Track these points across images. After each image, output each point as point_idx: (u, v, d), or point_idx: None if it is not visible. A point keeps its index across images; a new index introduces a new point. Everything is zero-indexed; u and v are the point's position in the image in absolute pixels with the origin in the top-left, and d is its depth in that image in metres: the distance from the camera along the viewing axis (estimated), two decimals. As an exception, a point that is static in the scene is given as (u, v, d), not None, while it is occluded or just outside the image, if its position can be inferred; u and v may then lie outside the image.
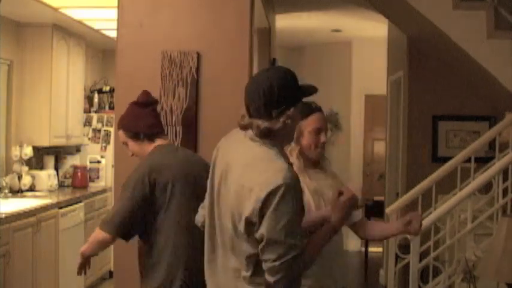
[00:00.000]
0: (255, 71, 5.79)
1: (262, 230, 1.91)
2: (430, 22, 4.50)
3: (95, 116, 6.92)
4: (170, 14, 3.63)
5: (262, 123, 2.01)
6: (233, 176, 2.02)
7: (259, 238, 1.92)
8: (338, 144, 8.26)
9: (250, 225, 1.94)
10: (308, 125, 2.52)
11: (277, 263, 1.92)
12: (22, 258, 4.59)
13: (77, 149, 6.77)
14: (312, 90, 2.11)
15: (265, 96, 2.00)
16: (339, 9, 6.69)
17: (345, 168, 8.04)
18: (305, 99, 2.16)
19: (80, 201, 5.77)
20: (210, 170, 2.17)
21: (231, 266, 2.06)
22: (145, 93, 3.08)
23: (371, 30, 7.65)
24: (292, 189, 1.92)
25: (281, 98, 2.02)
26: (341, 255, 2.64)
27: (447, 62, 5.45)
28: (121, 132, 3.01)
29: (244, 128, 2.07)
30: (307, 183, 2.45)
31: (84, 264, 2.91)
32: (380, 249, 6.92)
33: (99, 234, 2.85)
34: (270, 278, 1.95)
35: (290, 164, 2.03)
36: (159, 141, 2.97)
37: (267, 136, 2.03)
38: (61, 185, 6.33)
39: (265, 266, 1.95)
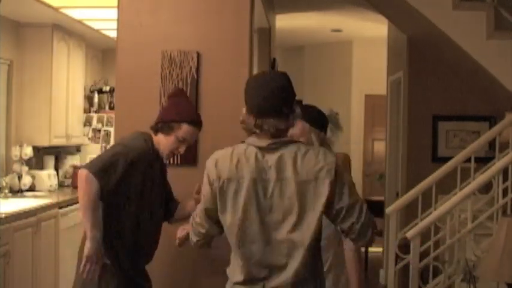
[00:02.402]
0: (255, 71, 5.79)
1: (342, 202, 2.15)
2: (430, 22, 4.50)
3: (95, 116, 6.93)
4: (170, 14, 3.63)
5: (278, 123, 2.14)
6: (281, 184, 2.13)
7: (338, 210, 2.15)
8: (338, 144, 8.26)
9: (329, 205, 2.14)
10: None
11: (363, 221, 2.16)
12: (22, 258, 4.60)
13: (77, 149, 6.78)
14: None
15: (278, 95, 2.14)
16: (339, 9, 6.69)
17: (345, 168, 8.02)
18: None
19: (80, 201, 5.76)
20: (222, 187, 2.20)
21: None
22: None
23: (371, 30, 7.65)
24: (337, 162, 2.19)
25: (290, 97, 2.18)
26: None
27: (447, 62, 5.44)
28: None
29: (257, 127, 2.16)
30: None
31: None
32: (380, 249, 6.92)
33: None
34: (361, 241, 2.21)
35: None
36: None
37: (280, 134, 2.17)
38: (61, 185, 6.33)
39: (351, 232, 2.18)
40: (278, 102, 2.14)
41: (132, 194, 2.89)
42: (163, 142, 2.98)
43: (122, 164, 2.82)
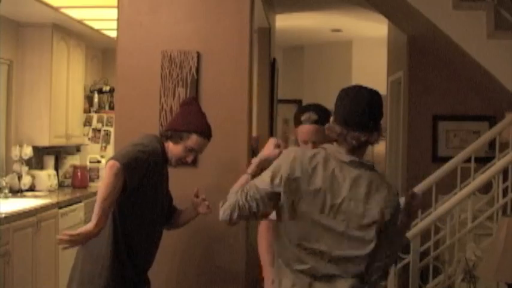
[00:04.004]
0: (255, 71, 5.80)
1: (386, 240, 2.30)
2: (430, 22, 4.50)
3: (95, 116, 6.93)
4: (170, 14, 3.63)
5: (361, 136, 2.21)
6: (352, 202, 2.22)
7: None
8: (338, 144, 8.23)
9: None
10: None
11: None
12: (22, 258, 4.59)
13: (77, 149, 6.78)
14: None
15: (370, 111, 2.23)
16: (339, 9, 6.69)
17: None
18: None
19: (80, 201, 5.77)
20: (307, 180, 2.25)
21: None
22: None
23: (371, 30, 7.65)
24: None
25: (379, 114, 2.26)
26: None
27: (447, 62, 5.44)
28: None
29: (340, 137, 2.23)
30: None
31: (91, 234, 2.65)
32: (380, 249, 6.92)
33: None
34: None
35: None
36: None
37: (360, 146, 2.23)
38: (61, 185, 6.33)
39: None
40: (368, 118, 2.21)
41: (147, 197, 2.88)
42: (171, 150, 2.99)
43: (144, 163, 2.81)
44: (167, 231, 3.19)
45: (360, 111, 2.21)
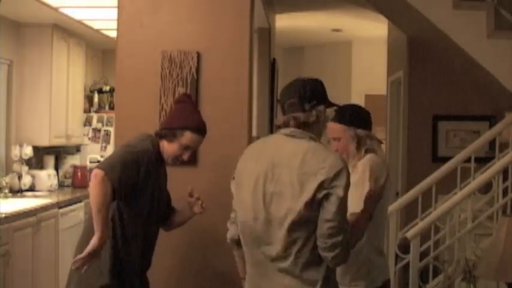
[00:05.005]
0: (255, 71, 5.80)
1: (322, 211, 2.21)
2: (430, 22, 4.50)
3: (95, 116, 6.93)
4: (170, 14, 3.63)
5: (298, 116, 2.35)
6: (288, 170, 2.26)
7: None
8: (338, 144, 8.23)
9: (312, 203, 2.20)
10: None
11: (339, 238, 2.19)
12: (22, 258, 4.59)
13: (77, 149, 6.78)
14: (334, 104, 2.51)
15: (299, 92, 2.37)
16: (339, 9, 6.69)
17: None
18: None
19: (80, 201, 5.77)
20: (237, 181, 2.44)
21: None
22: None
23: (371, 30, 7.65)
24: (347, 171, 2.25)
25: (312, 95, 2.38)
26: None
27: (447, 61, 5.44)
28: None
29: (284, 125, 2.39)
30: None
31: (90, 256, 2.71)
32: (380, 249, 6.91)
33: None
34: (328, 254, 2.21)
35: None
36: None
37: (302, 127, 2.35)
38: (61, 185, 6.33)
39: (324, 242, 2.20)
40: (298, 99, 2.35)
41: (144, 197, 2.87)
42: (167, 149, 2.96)
43: (132, 164, 2.80)
44: (167, 233, 3.19)
45: (291, 94, 2.39)
